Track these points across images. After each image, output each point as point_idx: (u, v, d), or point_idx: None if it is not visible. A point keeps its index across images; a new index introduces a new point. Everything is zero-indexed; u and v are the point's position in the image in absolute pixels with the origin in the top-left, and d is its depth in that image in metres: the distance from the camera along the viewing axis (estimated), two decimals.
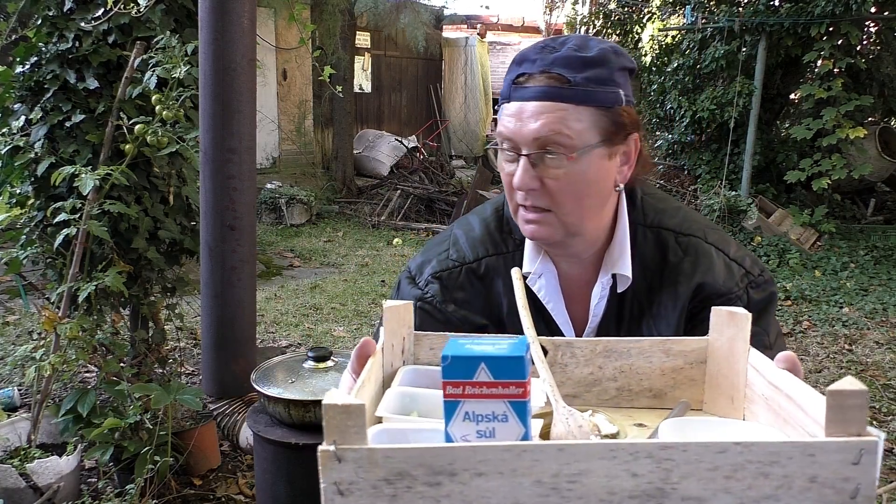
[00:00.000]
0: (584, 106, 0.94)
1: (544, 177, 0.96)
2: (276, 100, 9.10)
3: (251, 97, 2.35)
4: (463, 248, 1.11)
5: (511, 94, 0.97)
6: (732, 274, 1.05)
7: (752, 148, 6.76)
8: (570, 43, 0.96)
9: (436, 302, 1.09)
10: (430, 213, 7.97)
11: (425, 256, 1.14)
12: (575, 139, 0.94)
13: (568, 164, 0.94)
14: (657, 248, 1.06)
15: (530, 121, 0.94)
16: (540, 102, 0.94)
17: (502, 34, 16.03)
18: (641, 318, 1.06)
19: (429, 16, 9.67)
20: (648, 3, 8.68)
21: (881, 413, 3.09)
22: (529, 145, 0.95)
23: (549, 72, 0.94)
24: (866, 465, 0.54)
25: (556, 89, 0.94)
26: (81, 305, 2.25)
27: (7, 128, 2.42)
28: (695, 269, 1.04)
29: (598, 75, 0.94)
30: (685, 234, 1.07)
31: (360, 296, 4.84)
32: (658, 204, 1.10)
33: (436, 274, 1.10)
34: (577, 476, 0.54)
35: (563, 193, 0.96)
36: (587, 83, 0.94)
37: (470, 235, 1.12)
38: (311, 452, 1.90)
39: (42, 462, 2.07)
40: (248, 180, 2.38)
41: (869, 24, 6.79)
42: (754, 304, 1.04)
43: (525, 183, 0.95)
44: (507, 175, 0.99)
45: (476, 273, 1.09)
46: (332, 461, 0.54)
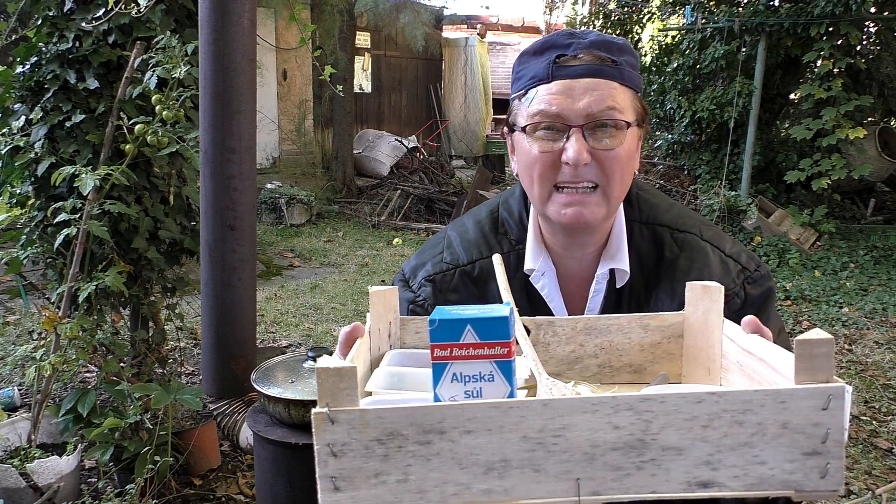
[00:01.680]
0: (624, 86, 0.97)
1: (596, 149, 0.95)
2: (276, 100, 9.10)
3: (251, 97, 2.35)
4: (457, 251, 1.11)
5: (553, 73, 0.95)
6: (728, 270, 1.05)
7: (752, 148, 6.76)
8: (592, 33, 0.99)
9: (427, 305, 1.09)
10: (430, 213, 7.97)
11: (419, 259, 1.14)
12: (624, 113, 0.96)
13: (620, 136, 0.96)
14: (653, 244, 1.07)
15: (584, 96, 0.94)
16: (592, 79, 0.95)
17: (502, 34, 16.03)
18: (639, 309, 1.06)
19: (429, 16, 9.67)
20: (648, 3, 8.68)
21: (881, 413, 3.09)
22: (582, 119, 0.94)
23: (593, 52, 0.95)
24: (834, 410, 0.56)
25: (605, 67, 0.95)
26: (81, 305, 2.25)
27: (7, 128, 2.43)
28: (691, 267, 1.04)
29: (629, 61, 0.98)
30: (681, 231, 1.07)
31: (360, 296, 4.84)
32: (652, 200, 1.11)
33: (429, 277, 1.10)
34: (561, 430, 0.56)
35: (613, 165, 0.96)
36: (627, 65, 0.97)
37: (464, 238, 1.12)
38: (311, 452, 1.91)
39: (42, 462, 2.07)
40: (248, 180, 2.38)
41: (869, 24, 6.79)
42: (752, 300, 1.05)
43: (580, 155, 0.94)
44: (542, 154, 0.97)
45: (470, 276, 1.09)
46: (325, 423, 0.55)
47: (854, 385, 3.40)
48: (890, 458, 2.67)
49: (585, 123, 0.94)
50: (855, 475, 2.51)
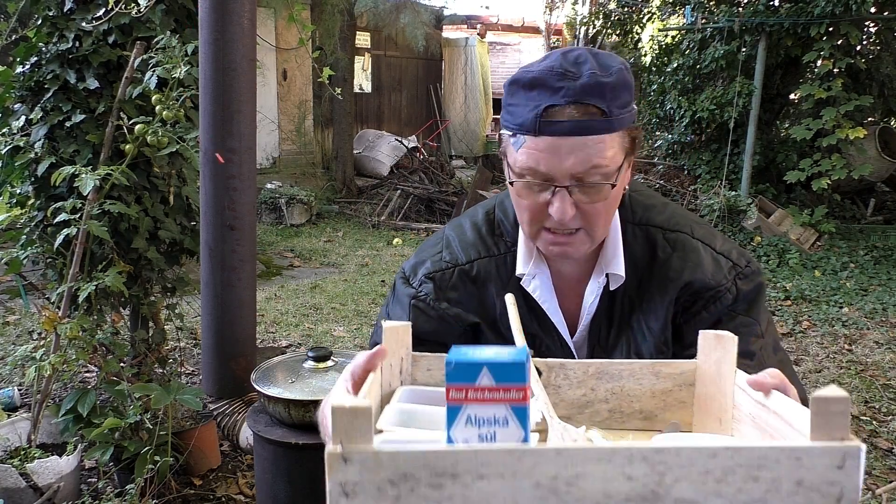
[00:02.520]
0: (614, 132, 0.95)
1: (581, 203, 0.97)
2: (276, 100, 9.10)
3: (251, 97, 2.35)
4: (455, 251, 1.13)
5: (540, 128, 0.93)
6: (720, 267, 1.07)
7: (752, 148, 6.75)
8: (586, 66, 0.94)
9: (429, 300, 1.11)
10: (430, 213, 7.97)
11: (419, 258, 1.16)
12: (611, 165, 0.95)
13: (605, 190, 0.96)
14: (646, 245, 1.08)
15: (569, 157, 0.93)
16: (578, 137, 0.93)
17: (502, 34, 16.03)
18: (632, 314, 1.08)
19: (429, 16, 9.67)
20: (648, 3, 8.68)
21: (881, 413, 3.09)
22: (567, 179, 0.95)
23: (581, 102, 0.92)
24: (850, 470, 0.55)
25: (594, 122, 0.93)
26: (81, 305, 2.25)
27: (7, 128, 2.43)
28: (684, 265, 1.06)
29: (623, 101, 0.95)
30: (672, 231, 1.09)
31: (360, 296, 4.84)
32: (645, 201, 1.12)
33: (429, 274, 1.12)
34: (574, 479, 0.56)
35: (598, 215, 0.99)
36: (619, 111, 0.94)
37: (462, 238, 1.14)
38: (311, 452, 1.89)
39: (42, 462, 2.07)
40: (248, 180, 2.38)
41: (869, 24, 6.79)
42: (743, 295, 1.07)
43: (564, 214, 0.96)
44: (532, 203, 0.99)
45: (468, 275, 1.11)
46: (338, 462, 0.55)
47: (854, 385, 3.40)
48: (890, 458, 2.67)
49: (571, 183, 0.95)
50: None
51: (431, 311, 1.11)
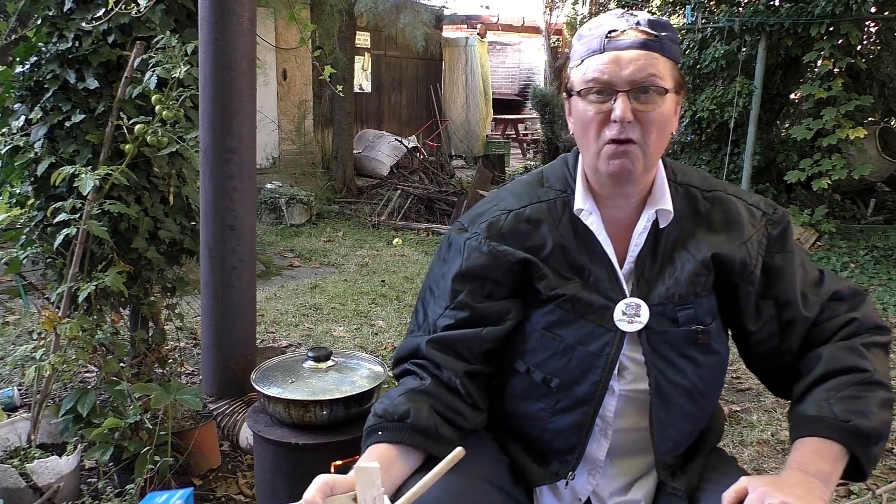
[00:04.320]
0: (665, 57, 1.15)
1: (639, 111, 1.13)
2: (276, 100, 9.10)
3: (251, 97, 2.35)
4: (509, 200, 1.28)
5: (605, 45, 1.14)
6: (754, 215, 1.25)
7: (752, 148, 6.75)
8: (641, 13, 1.17)
9: (481, 238, 1.24)
10: (430, 213, 7.96)
11: (475, 212, 1.30)
12: (663, 80, 1.14)
13: (660, 101, 1.14)
14: (686, 201, 1.25)
15: (630, 65, 1.12)
16: (638, 51, 1.13)
17: (502, 34, 16.03)
18: (674, 251, 1.22)
19: (429, 16, 9.67)
20: (648, 3, 8.68)
21: (874, 465, 3.09)
22: (628, 85, 1.12)
23: (639, 28, 1.14)
24: None
25: (650, 41, 1.14)
26: (81, 305, 2.25)
27: (7, 128, 2.42)
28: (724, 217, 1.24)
29: (671, 37, 1.16)
30: (710, 191, 1.27)
31: (360, 296, 4.84)
32: (680, 168, 1.30)
33: (485, 221, 1.26)
34: None
35: (652, 126, 1.14)
36: (668, 40, 1.15)
37: (514, 191, 1.30)
38: (311, 452, 1.89)
39: (42, 462, 2.07)
40: (248, 180, 2.38)
41: (869, 24, 6.79)
42: (775, 238, 1.25)
43: (625, 113, 1.11)
44: (595, 115, 1.15)
45: (522, 216, 1.25)
46: None
47: None
48: (890, 458, 2.67)
49: (630, 89, 1.12)
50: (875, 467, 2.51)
51: (484, 247, 1.23)
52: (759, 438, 2.80)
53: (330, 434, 1.71)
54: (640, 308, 1.19)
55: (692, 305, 1.20)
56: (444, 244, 1.31)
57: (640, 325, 1.19)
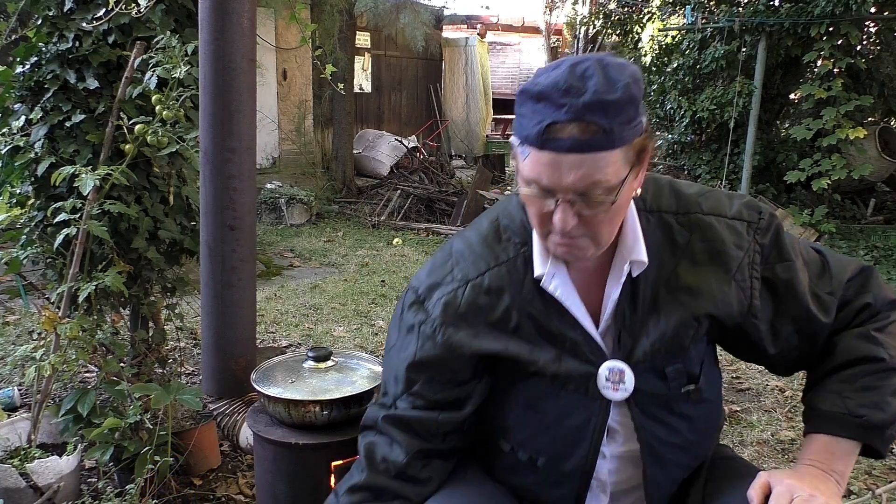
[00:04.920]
0: (617, 149, 0.95)
1: (583, 213, 0.99)
2: (276, 100, 9.10)
3: (251, 97, 2.35)
4: (466, 266, 1.15)
5: (542, 143, 0.95)
6: (739, 232, 1.12)
7: (752, 148, 6.75)
8: (592, 81, 0.94)
9: (436, 325, 1.13)
10: (430, 213, 7.96)
11: (431, 278, 1.17)
12: (613, 180, 0.97)
13: (608, 201, 0.98)
14: (661, 230, 1.12)
15: (570, 172, 0.95)
16: (579, 155, 0.94)
17: (502, 34, 16.03)
18: (657, 296, 1.11)
19: (429, 16, 9.66)
20: (648, 3, 8.68)
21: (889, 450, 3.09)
22: (568, 192, 0.97)
23: (583, 120, 0.93)
24: None
25: (594, 139, 0.93)
26: (81, 305, 2.25)
27: (7, 128, 2.42)
28: (706, 246, 1.11)
29: (628, 117, 0.95)
30: (684, 214, 1.13)
31: (360, 296, 4.84)
32: (649, 188, 1.15)
33: (442, 298, 1.14)
34: None
35: (600, 224, 1.01)
36: (621, 128, 0.94)
37: (470, 251, 1.16)
38: (311, 452, 1.89)
39: (42, 462, 2.07)
40: (248, 180, 2.38)
41: (869, 24, 6.78)
42: (766, 249, 1.14)
43: (565, 224, 0.99)
44: (537, 211, 1.02)
45: (481, 287, 1.13)
46: None
47: None
48: (890, 458, 2.67)
49: (571, 196, 0.97)
50: (855, 475, 2.51)
51: (438, 336, 1.13)
52: (759, 438, 2.80)
53: (330, 434, 1.71)
54: (624, 374, 1.10)
55: (681, 360, 1.12)
56: (400, 306, 1.21)
57: (626, 394, 1.11)
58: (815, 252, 1.20)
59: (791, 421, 2.96)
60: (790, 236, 1.18)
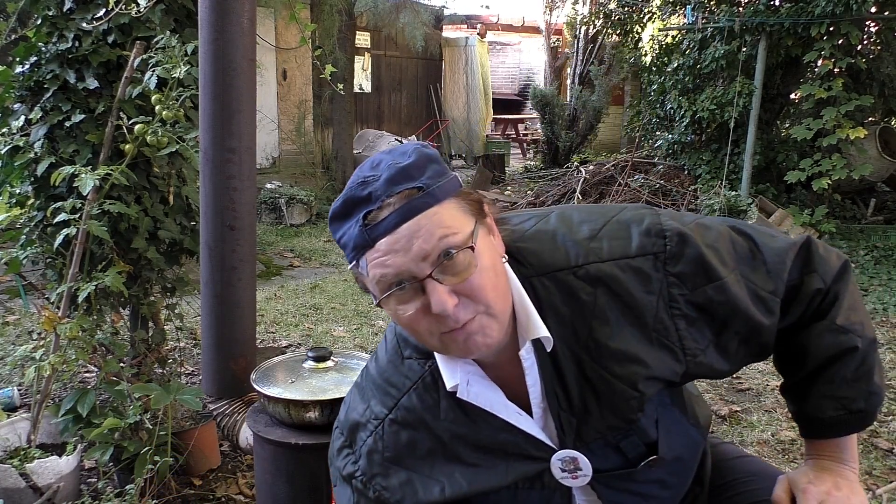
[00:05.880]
0: (444, 202, 0.91)
1: (456, 285, 0.90)
2: (276, 100, 9.10)
3: (251, 97, 2.35)
4: (379, 401, 1.08)
5: (370, 236, 0.90)
6: (646, 274, 0.98)
7: (752, 148, 6.75)
8: (383, 164, 0.92)
9: (366, 479, 1.08)
10: None
11: (352, 416, 1.11)
12: (459, 232, 0.90)
13: (472, 258, 0.90)
14: (562, 294, 1.00)
15: (410, 244, 0.88)
16: (408, 223, 0.88)
17: (502, 34, 16.03)
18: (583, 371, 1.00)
19: (428, 16, 9.67)
20: (648, 3, 8.67)
21: (881, 413, 3.09)
22: (425, 267, 0.89)
23: (392, 194, 0.89)
24: None
25: (413, 201, 0.89)
26: (81, 305, 2.24)
27: (7, 128, 2.42)
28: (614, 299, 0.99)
29: (434, 172, 0.92)
30: (581, 266, 0.99)
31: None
32: (535, 247, 1.02)
33: (365, 443, 1.08)
34: None
35: (482, 289, 0.91)
36: (434, 181, 0.91)
37: (380, 379, 1.09)
38: (311, 452, 1.89)
39: (42, 462, 2.07)
40: (248, 180, 2.38)
41: (869, 24, 6.78)
42: (684, 275, 0.99)
43: (445, 304, 0.89)
44: (414, 316, 0.92)
45: (397, 423, 1.06)
46: None
47: None
48: (890, 458, 2.67)
49: (432, 269, 0.89)
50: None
51: (370, 491, 1.08)
52: (759, 438, 2.80)
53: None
54: (578, 460, 1.03)
55: (633, 432, 1.04)
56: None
57: (585, 479, 1.04)
58: (743, 239, 1.04)
59: (791, 421, 2.96)
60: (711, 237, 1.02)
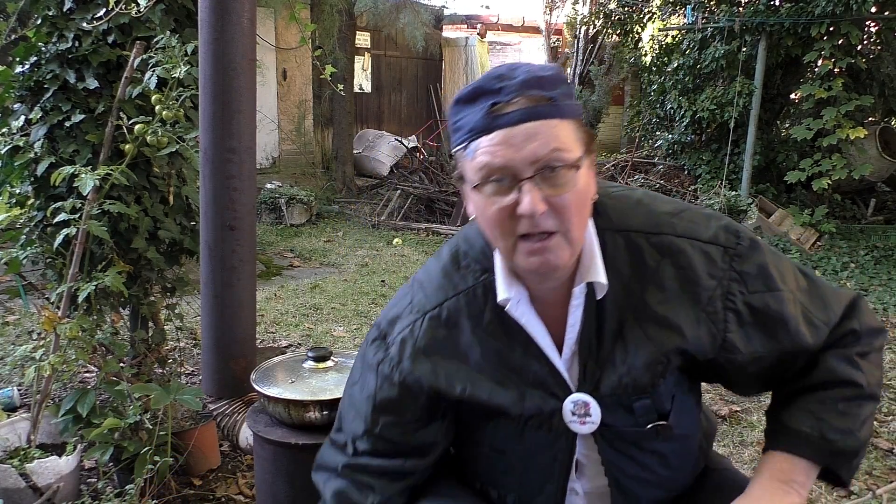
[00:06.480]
0: (566, 120, 0.94)
1: (550, 196, 0.93)
2: (276, 100, 9.10)
3: (251, 97, 2.35)
4: (423, 297, 1.11)
5: (490, 124, 0.93)
6: (713, 259, 1.03)
7: (752, 148, 6.75)
8: (521, 68, 0.95)
9: (394, 364, 1.09)
10: (430, 213, 7.96)
11: (392, 311, 1.14)
12: (571, 151, 0.93)
13: (572, 177, 0.93)
14: (629, 252, 1.04)
15: (526, 144, 0.91)
16: (530, 123, 0.92)
17: (502, 34, 16.01)
18: (624, 322, 1.03)
19: (428, 16, 9.66)
20: (648, 3, 8.67)
21: (881, 413, 3.09)
22: (530, 168, 0.92)
23: (523, 94, 0.92)
24: None
25: (543, 107, 0.92)
26: (81, 305, 2.24)
27: (7, 128, 2.42)
28: (677, 271, 1.02)
29: (565, 91, 0.95)
30: (655, 234, 1.04)
31: (360, 296, 4.84)
32: (618, 205, 1.07)
33: (400, 332, 1.10)
34: None
35: (570, 209, 0.94)
36: (564, 99, 0.94)
37: (428, 282, 1.12)
38: (311, 452, 1.90)
39: (42, 462, 2.07)
40: (248, 180, 2.38)
41: (869, 24, 6.78)
42: (746, 276, 1.04)
43: (535, 206, 0.92)
44: (499, 211, 0.95)
45: (439, 319, 1.08)
46: None
47: None
48: (890, 458, 2.67)
49: (535, 173, 0.92)
50: (855, 475, 2.51)
51: (395, 376, 1.09)
52: (759, 439, 2.80)
53: None
54: (590, 406, 1.05)
55: (649, 395, 1.05)
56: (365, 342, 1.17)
57: (593, 426, 1.05)
58: (804, 275, 1.10)
59: None
60: (777, 258, 1.08)
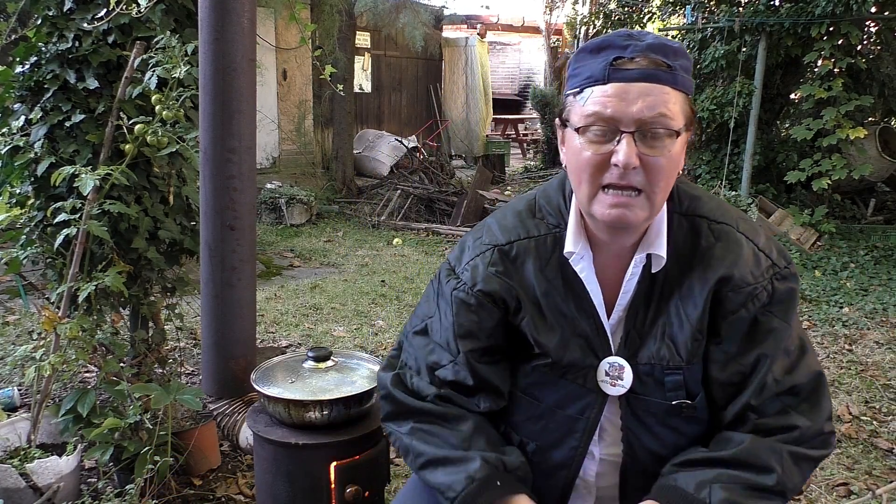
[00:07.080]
0: (678, 91, 1.00)
1: (644, 155, 0.99)
2: (276, 100, 9.09)
3: (251, 97, 2.35)
4: (495, 233, 1.17)
5: (609, 75, 0.98)
6: (759, 263, 1.08)
7: (752, 148, 6.75)
8: (649, 35, 1.01)
9: (467, 288, 1.16)
10: (430, 213, 7.96)
11: (462, 247, 1.21)
12: (675, 120, 0.99)
13: (669, 144, 0.99)
14: (690, 233, 1.10)
15: (637, 100, 0.97)
16: (646, 83, 0.97)
17: (502, 34, 16.03)
18: (670, 298, 1.09)
19: (428, 16, 9.67)
20: (648, 3, 8.67)
21: (881, 413, 3.09)
22: (633, 124, 0.98)
23: (647, 56, 0.98)
24: None
25: (661, 72, 0.98)
26: (81, 305, 2.25)
27: (7, 128, 2.42)
28: (725, 255, 1.08)
29: (684, 65, 1.01)
30: (718, 222, 1.11)
31: (360, 296, 4.84)
32: (692, 192, 1.15)
33: (470, 261, 1.17)
34: None
35: (660, 172, 1.00)
36: (682, 71, 1.00)
37: (502, 223, 1.19)
38: (311, 452, 1.89)
39: (42, 462, 2.07)
40: (248, 180, 2.38)
41: (869, 24, 6.78)
42: (778, 295, 1.09)
43: (630, 159, 0.97)
44: (594, 156, 1.00)
45: (508, 255, 1.14)
46: None
47: (854, 385, 3.40)
48: (890, 458, 2.67)
49: (637, 129, 0.98)
50: (855, 475, 2.51)
51: (471, 298, 1.15)
52: None
53: (330, 434, 1.71)
54: (624, 370, 1.10)
55: (682, 372, 1.09)
56: (436, 279, 1.24)
57: (622, 390, 1.10)
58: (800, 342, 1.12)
59: None
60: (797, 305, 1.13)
